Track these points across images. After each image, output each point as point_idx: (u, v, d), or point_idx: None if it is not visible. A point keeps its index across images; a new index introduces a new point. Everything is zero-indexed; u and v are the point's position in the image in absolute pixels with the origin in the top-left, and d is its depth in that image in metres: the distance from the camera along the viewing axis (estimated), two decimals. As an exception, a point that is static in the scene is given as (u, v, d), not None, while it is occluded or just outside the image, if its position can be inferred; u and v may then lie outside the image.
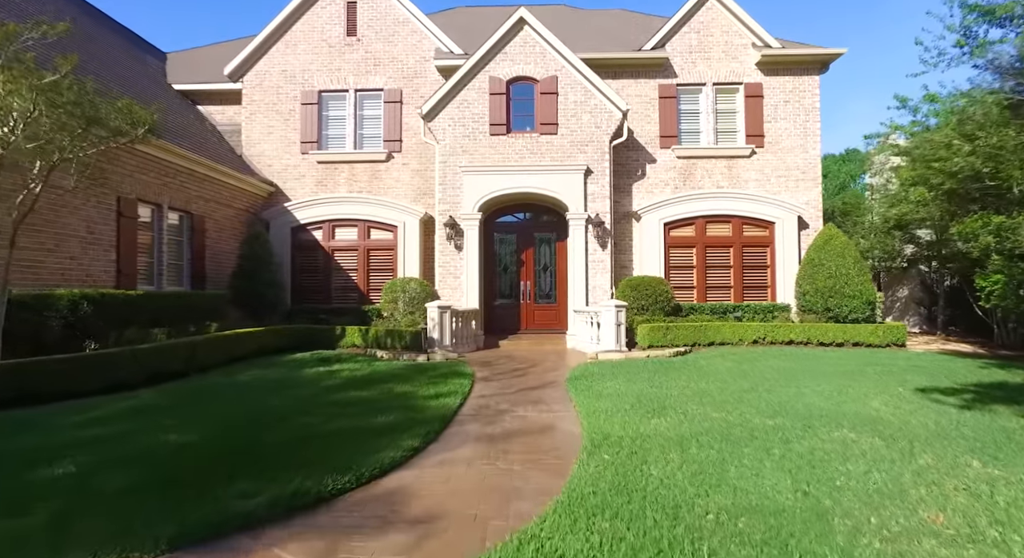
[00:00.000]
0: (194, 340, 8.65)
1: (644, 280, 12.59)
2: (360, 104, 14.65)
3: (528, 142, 13.29)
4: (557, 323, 14.10)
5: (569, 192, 13.10)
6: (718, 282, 13.73)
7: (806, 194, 13.93)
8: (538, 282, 14.34)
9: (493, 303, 14.29)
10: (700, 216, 13.76)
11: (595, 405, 6.39)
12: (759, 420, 5.58)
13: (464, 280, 13.14)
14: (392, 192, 14.44)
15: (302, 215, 14.10)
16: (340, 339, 12.02)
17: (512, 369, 9.46)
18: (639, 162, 14.21)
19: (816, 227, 13.85)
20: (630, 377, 8.16)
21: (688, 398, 6.69)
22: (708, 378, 8.04)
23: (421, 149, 14.37)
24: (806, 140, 13.95)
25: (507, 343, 12.94)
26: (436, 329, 11.54)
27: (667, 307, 12.55)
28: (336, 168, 14.53)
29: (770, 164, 14.00)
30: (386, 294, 12.87)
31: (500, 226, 14.49)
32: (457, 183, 13.30)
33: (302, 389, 7.33)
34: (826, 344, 11.72)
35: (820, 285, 12.21)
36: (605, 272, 13.10)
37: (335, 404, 6.37)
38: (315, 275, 14.12)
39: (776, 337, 11.81)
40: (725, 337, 11.82)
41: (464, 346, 12.07)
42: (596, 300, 12.96)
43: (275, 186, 14.45)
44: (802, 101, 13.99)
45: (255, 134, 14.56)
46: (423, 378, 8.18)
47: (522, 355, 11.33)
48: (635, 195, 14.18)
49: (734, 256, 13.70)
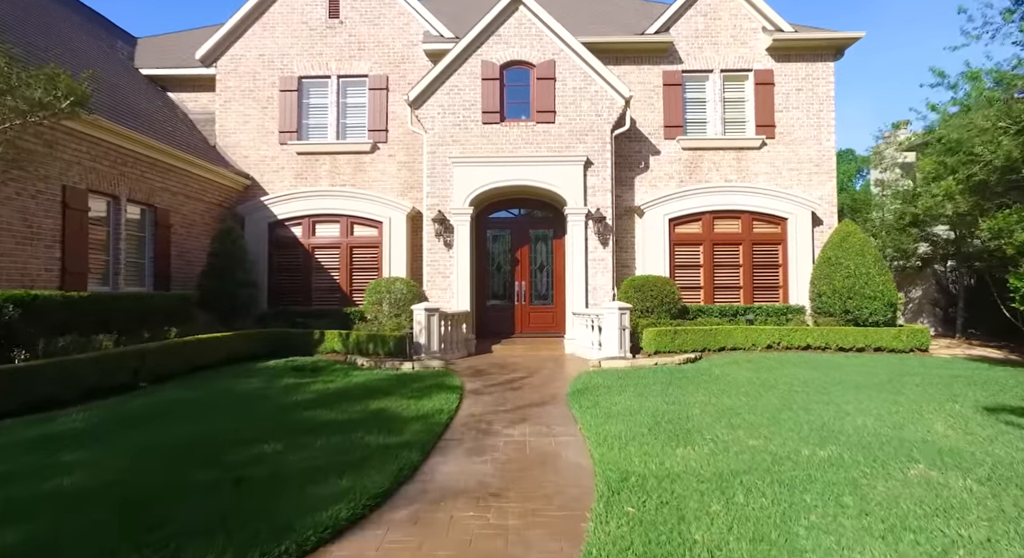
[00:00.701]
0: (144, 348, 7.50)
1: (649, 280, 11.54)
2: (343, 91, 13.52)
3: (523, 131, 12.22)
4: (554, 326, 13.03)
5: (568, 185, 12.04)
6: (727, 282, 12.71)
7: (820, 188, 12.93)
8: (534, 282, 13.27)
9: (485, 305, 13.20)
10: (707, 211, 12.73)
11: (605, 428, 5.32)
12: (808, 450, 4.53)
13: (454, 280, 12.05)
14: (377, 186, 13.33)
15: (280, 210, 12.96)
16: (318, 344, 10.91)
17: (506, 380, 8.38)
18: (642, 154, 13.17)
19: (831, 223, 12.86)
20: (640, 390, 7.10)
21: (714, 418, 5.63)
22: (729, 392, 6.99)
23: (409, 139, 13.27)
24: (820, 131, 12.95)
25: (501, 348, 11.87)
26: (423, 334, 10.44)
27: (674, 309, 11.51)
28: (317, 160, 13.40)
29: (781, 156, 12.99)
30: (369, 295, 11.77)
31: (493, 222, 13.41)
32: (447, 175, 12.20)
33: (265, 406, 6.22)
34: (845, 349, 10.71)
35: (838, 285, 11.20)
36: (606, 271, 12.04)
37: (297, 428, 5.27)
38: (294, 275, 12.99)
39: (792, 342, 10.79)
40: (737, 342, 10.79)
41: (454, 352, 10.98)
42: (597, 302, 11.90)
43: (251, 179, 13.30)
44: (815, 89, 12.98)
45: (230, 123, 13.40)
46: (405, 392, 7.08)
47: (517, 362, 10.25)
48: (638, 189, 13.14)
49: (744, 254, 12.68)
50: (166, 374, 7.89)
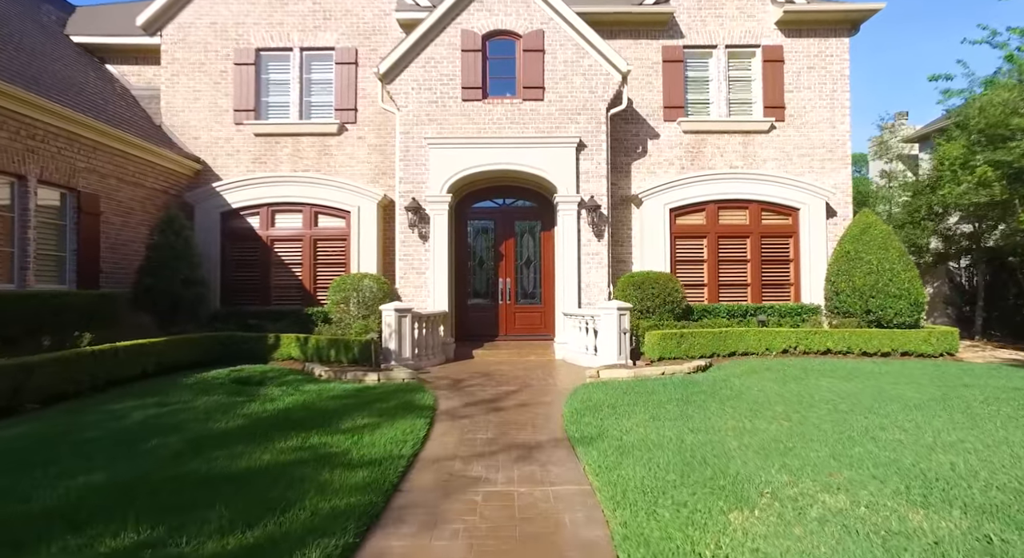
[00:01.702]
0: (28, 362, 5.88)
1: (649, 277, 10.15)
2: (307, 66, 11.91)
3: (508, 110, 10.74)
4: (543, 328, 11.59)
5: (558, 170, 10.59)
6: (733, 279, 11.37)
7: (833, 176, 11.64)
8: (520, 279, 11.81)
9: (466, 304, 11.71)
10: (711, 200, 11.37)
11: (620, 473, 3.89)
12: (919, 516, 3.12)
13: (430, 277, 10.54)
14: (345, 171, 11.76)
15: (235, 198, 11.33)
16: (273, 350, 9.34)
17: (488, 397, 6.90)
18: (639, 137, 11.77)
19: (845, 215, 11.58)
20: (653, 410, 5.69)
21: (760, 456, 4.23)
22: (762, 412, 5.60)
23: (380, 120, 11.71)
24: (833, 113, 11.66)
25: (483, 353, 10.39)
26: (393, 338, 8.93)
27: (677, 309, 10.13)
28: (277, 142, 11.79)
29: (791, 141, 11.68)
30: (334, 293, 10.21)
31: (475, 212, 11.92)
32: (422, 159, 10.68)
33: (163, 443, 4.65)
34: (869, 354, 9.41)
35: (858, 283, 9.91)
36: (601, 267, 10.62)
37: (186, 487, 3.72)
38: (250, 271, 11.37)
39: (810, 346, 9.47)
40: (749, 346, 9.44)
41: (429, 358, 9.49)
42: (591, 301, 10.49)
43: (202, 163, 11.64)
44: (829, 67, 11.68)
45: (177, 100, 11.72)
46: (362, 416, 5.58)
47: (502, 371, 8.80)
48: (635, 176, 11.74)
49: (752, 248, 11.35)
50: (67, 392, 6.29)
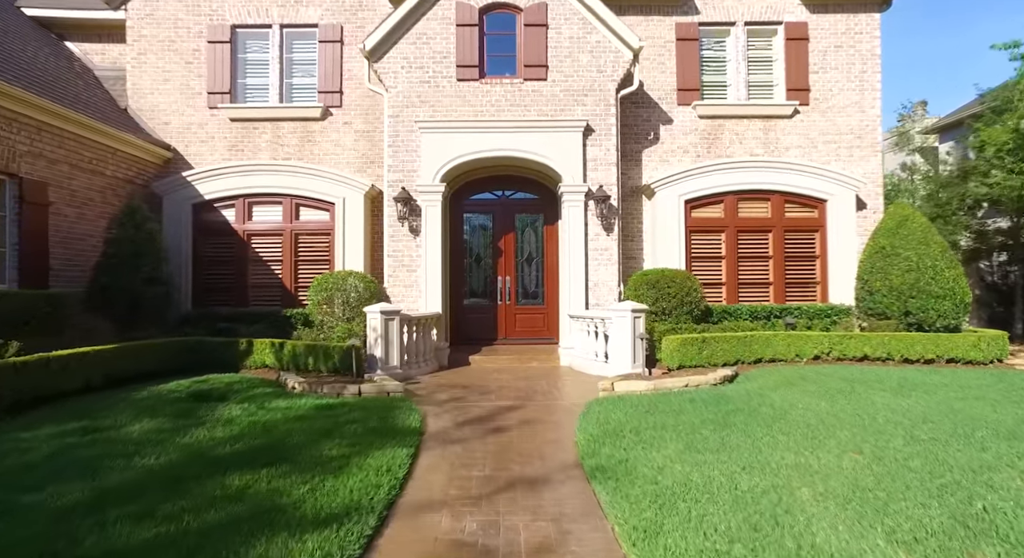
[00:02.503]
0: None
1: (665, 275, 9.06)
2: (288, 44, 10.79)
3: (508, 91, 9.64)
4: (545, 331, 10.51)
5: (563, 157, 9.49)
6: (754, 277, 10.29)
7: (862, 165, 10.57)
8: (521, 278, 10.73)
9: (462, 305, 10.62)
10: (730, 191, 10.29)
11: (665, 543, 2.82)
12: None
13: (422, 275, 9.44)
14: (330, 160, 10.64)
15: (208, 189, 10.21)
16: (246, 357, 8.25)
17: (486, 414, 5.82)
18: (651, 123, 10.68)
19: (875, 207, 10.51)
20: (687, 436, 4.61)
21: (848, 511, 3.14)
22: (823, 440, 4.52)
23: (368, 104, 10.60)
24: (862, 96, 10.58)
25: (480, 359, 9.30)
26: (379, 343, 7.84)
27: (696, 311, 9.05)
28: (255, 128, 10.66)
29: (817, 126, 10.60)
30: (316, 293, 9.11)
31: (471, 205, 10.83)
32: (412, 144, 9.58)
33: (67, 488, 3.54)
34: (911, 361, 8.33)
35: (896, 282, 8.84)
36: (611, 264, 9.54)
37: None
38: (225, 268, 10.25)
39: (845, 352, 8.40)
40: (777, 352, 8.37)
41: (420, 365, 8.40)
42: (599, 301, 9.41)
43: (173, 150, 10.51)
44: (858, 46, 10.60)
45: (145, 81, 10.58)
46: (331, 445, 4.49)
47: (501, 381, 7.71)
48: (646, 165, 10.65)
49: (774, 243, 10.27)
50: (-19, 413, 5.21)
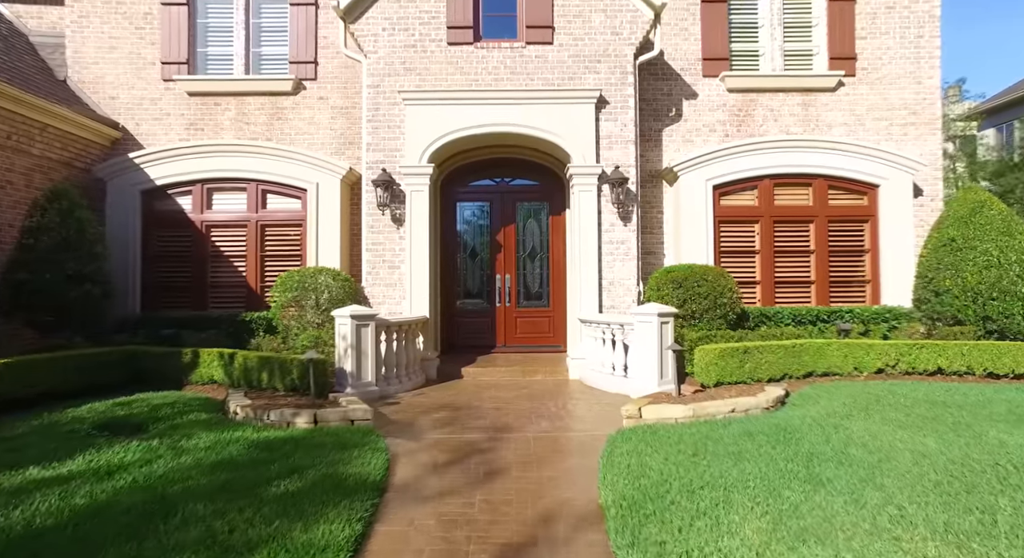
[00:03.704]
0: None
1: (694, 272, 7.54)
2: (254, 7, 9.28)
3: (508, 56, 8.13)
4: (552, 337, 9.00)
5: (573, 133, 7.97)
6: (792, 275, 8.76)
7: (918, 145, 9.03)
8: (523, 276, 9.22)
9: (454, 307, 9.12)
10: (765, 175, 8.75)
11: None
12: None
13: (407, 272, 7.93)
14: (303, 140, 9.15)
15: (161, 172, 8.71)
16: (191, 370, 6.77)
17: (475, 453, 4.30)
18: (672, 97, 9.15)
19: (933, 194, 8.98)
20: (766, 503, 3.09)
21: None
22: (978, 514, 3.01)
23: (348, 76, 9.11)
24: (919, 64, 9.04)
25: (475, 371, 7.78)
26: (350, 355, 6.33)
27: (730, 314, 7.53)
28: (217, 103, 9.17)
29: (865, 100, 9.06)
30: (280, 293, 7.61)
31: (465, 193, 9.33)
32: (395, 119, 8.08)
33: None
34: (997, 375, 6.79)
35: (971, 280, 7.30)
36: (629, 259, 8.02)
37: None
38: (181, 266, 8.75)
39: (914, 364, 6.85)
40: (832, 364, 6.84)
41: (401, 380, 6.88)
42: (615, 303, 7.89)
43: (121, 129, 9.03)
44: (913, 6, 9.06)
45: (88, 49, 9.09)
46: (241, 518, 2.97)
47: (499, 399, 6.18)
48: (667, 146, 9.13)
49: (817, 236, 8.74)
50: None
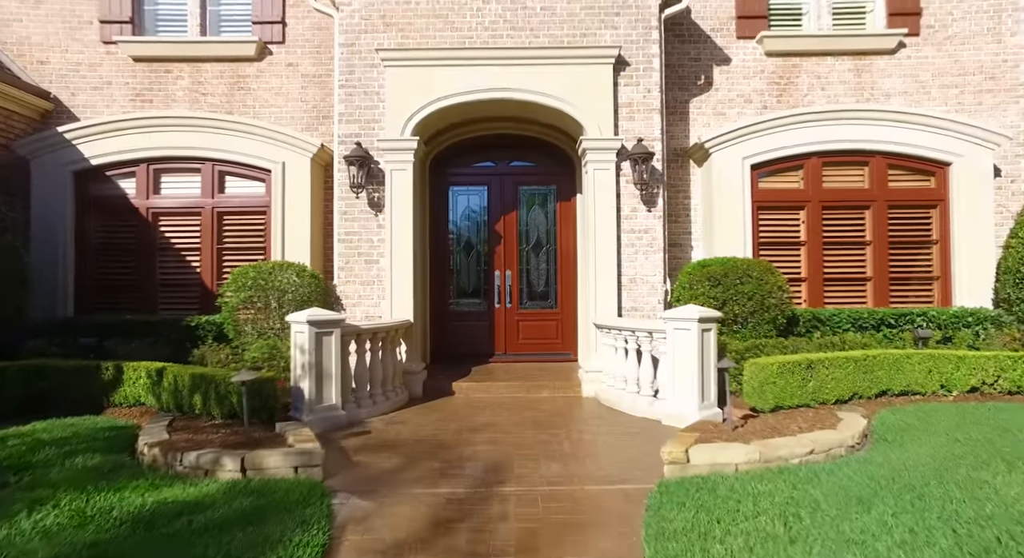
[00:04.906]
0: None
1: (734, 266, 6.12)
2: (212, -42, 7.89)
3: (508, 8, 6.70)
4: (560, 343, 7.60)
5: (586, 100, 6.54)
6: (844, 270, 7.33)
7: (996, 116, 7.58)
8: (526, 272, 7.81)
9: (445, 309, 7.73)
10: (812, 153, 7.32)
11: None
12: None
13: (387, 268, 6.52)
14: (269, 113, 7.75)
15: (98, 150, 7.31)
16: (113, 390, 5.40)
17: (455, 522, 2.89)
18: (700, 63, 7.72)
19: (1015, 173, 7.54)
20: None
21: None
22: None
23: (321, 38, 7.70)
24: (999, 20, 7.59)
25: (469, 387, 6.38)
26: (308, 372, 4.94)
27: (780, 318, 6.11)
28: (168, 70, 7.77)
29: (931, 64, 7.62)
30: (233, 292, 6.22)
31: (458, 175, 7.93)
32: (373, 84, 6.66)
33: None
34: (1118, 395, 5.41)
35: (1076, 275, 5.90)
36: (654, 251, 6.59)
37: None
38: (123, 260, 7.36)
39: (1018, 381, 5.45)
40: (912, 381, 5.43)
41: (376, 402, 5.49)
42: (637, 305, 6.47)
43: (52, 99, 7.63)
44: (989, -48, 7.63)
45: (10, 3, 7.69)
46: None
47: (495, 430, 4.77)
48: (694, 120, 7.71)
49: (874, 224, 7.30)
50: None
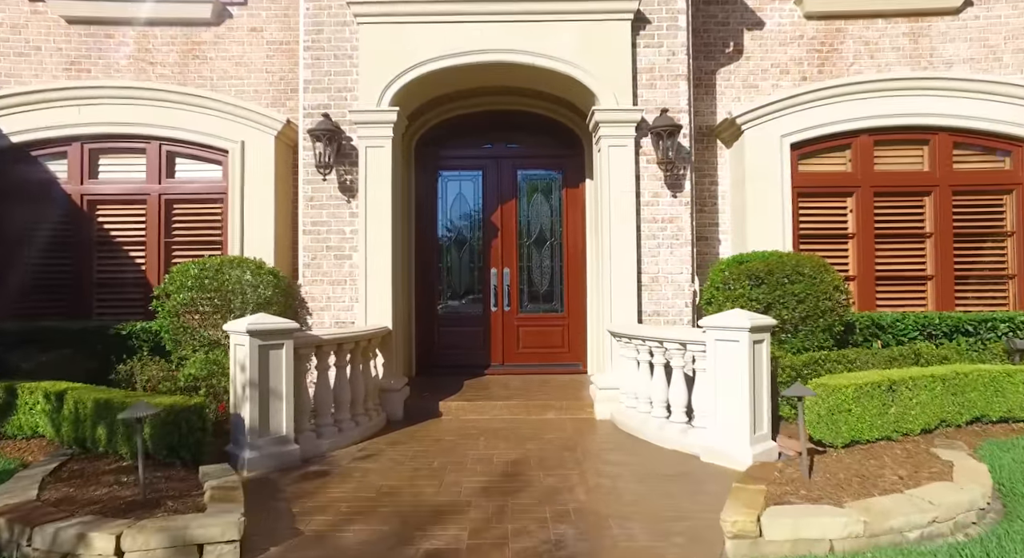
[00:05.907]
0: None
1: (780, 262, 4.99)
2: (161, -95, 6.74)
3: (505, -47, 5.58)
4: (566, 353, 6.46)
5: (600, 63, 5.41)
6: (900, 267, 6.22)
7: (1073, 87, 6.49)
8: (526, 270, 6.68)
9: (433, 312, 6.59)
10: (862, 129, 6.20)
11: None
12: None
13: (361, 264, 5.37)
14: (229, 86, 6.61)
15: (19, 125, 6.16)
16: (4, 417, 4.26)
17: None
18: (729, 27, 6.60)
19: (1096, 154, 6.44)
20: None
21: None
22: None
23: (289, 0, 6.58)
24: (1078, -25, 6.51)
25: (459, 407, 5.24)
26: (249, 395, 3.79)
27: (837, 325, 4.98)
28: (110, 35, 6.62)
29: (1002, 25, 6.51)
30: (174, 292, 5.10)
31: (449, 158, 6.80)
32: (345, 46, 5.53)
33: None
34: None
35: None
36: (680, 244, 5.46)
37: None
38: (53, 256, 6.23)
39: None
40: (1015, 406, 4.32)
41: (342, 429, 4.34)
42: (660, 308, 5.34)
43: (-25, 69, 6.50)
44: None
45: (-75, -44, 6.56)
46: None
47: (490, 468, 3.62)
48: (722, 93, 6.58)
49: (936, 212, 6.18)
50: None
